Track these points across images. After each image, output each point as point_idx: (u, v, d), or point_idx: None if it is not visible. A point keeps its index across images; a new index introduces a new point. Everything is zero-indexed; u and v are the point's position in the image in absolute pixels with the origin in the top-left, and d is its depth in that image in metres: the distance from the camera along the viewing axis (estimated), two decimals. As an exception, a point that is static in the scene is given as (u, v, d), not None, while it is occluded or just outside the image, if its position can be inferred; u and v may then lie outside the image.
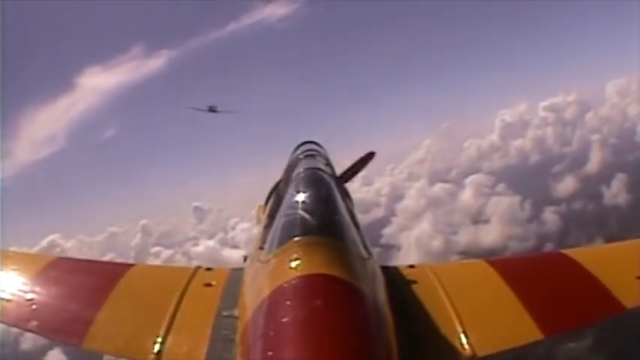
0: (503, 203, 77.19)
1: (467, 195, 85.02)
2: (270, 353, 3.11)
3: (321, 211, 4.30)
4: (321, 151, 6.99)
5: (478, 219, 75.28)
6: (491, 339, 4.26)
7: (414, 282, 4.83)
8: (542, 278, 5.12)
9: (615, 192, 73.66)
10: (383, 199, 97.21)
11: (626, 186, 73.31)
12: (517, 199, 76.93)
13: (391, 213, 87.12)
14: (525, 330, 4.38)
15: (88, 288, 4.93)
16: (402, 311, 4.06)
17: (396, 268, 5.09)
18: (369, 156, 9.02)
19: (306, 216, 4.21)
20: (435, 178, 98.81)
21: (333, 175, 5.82)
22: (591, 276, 4.91)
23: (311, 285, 3.45)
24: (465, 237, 71.03)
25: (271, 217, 5.00)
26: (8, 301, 4.69)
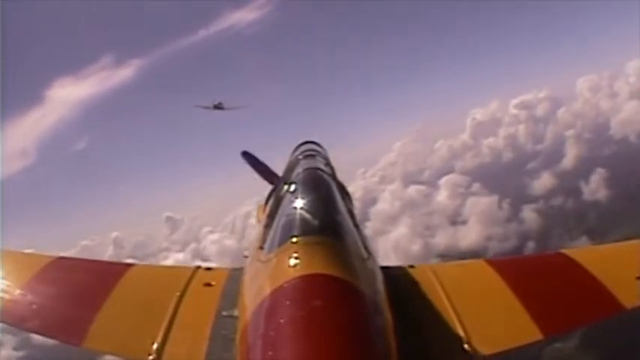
0: (481, 203, 76.17)
1: (442, 196, 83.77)
2: (270, 353, 3.11)
3: (320, 211, 4.26)
4: (321, 151, 6.94)
5: (456, 220, 74.26)
6: (491, 339, 4.26)
7: (414, 282, 4.87)
8: (541, 278, 5.15)
9: (595, 187, 73.10)
10: (356, 204, 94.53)
11: (605, 181, 72.78)
12: (495, 198, 75.87)
13: (365, 217, 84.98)
14: (525, 330, 4.40)
15: (88, 288, 4.95)
16: (401, 311, 4.03)
17: (396, 268, 5.13)
18: (245, 156, 8.96)
19: (306, 216, 4.19)
20: (408, 180, 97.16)
21: (332, 175, 5.77)
22: (591, 276, 4.93)
23: (311, 285, 3.44)
24: (443, 239, 69.66)
25: (271, 216, 4.97)
26: (8, 301, 4.72)
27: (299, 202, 4.41)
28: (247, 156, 8.93)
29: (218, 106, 48.25)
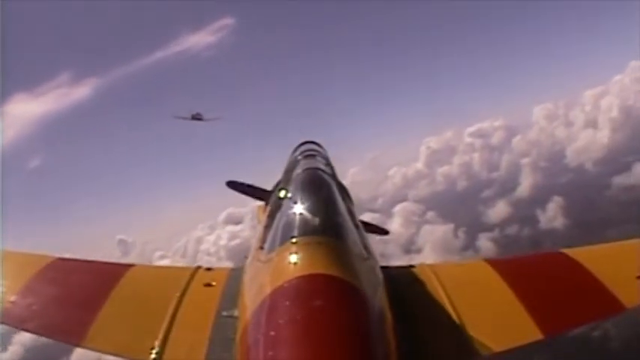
0: (436, 231, 74.45)
1: (396, 224, 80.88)
2: (270, 353, 3.12)
3: (321, 212, 4.23)
4: (321, 151, 6.93)
5: (410, 248, 71.53)
6: (491, 339, 4.25)
7: (415, 282, 4.89)
8: (542, 278, 5.17)
9: (552, 215, 71.87)
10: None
11: (562, 209, 71.67)
12: (450, 226, 74.11)
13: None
14: (525, 329, 4.40)
15: (88, 288, 4.97)
16: (402, 311, 4.02)
17: (396, 268, 5.14)
18: (230, 185, 8.73)
19: (307, 216, 4.18)
20: (362, 207, 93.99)
21: (333, 175, 5.77)
22: (591, 275, 4.93)
23: (311, 285, 3.45)
24: (397, 268, 66.38)
25: (271, 217, 4.95)
26: (8, 301, 4.71)
27: (299, 203, 4.36)
28: (232, 184, 8.76)
29: (196, 117, 47.09)
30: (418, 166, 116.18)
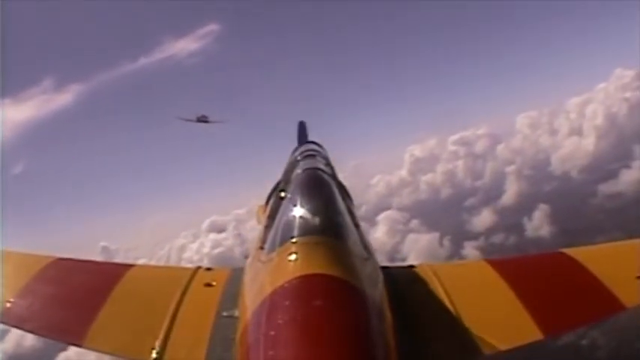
0: (421, 240, 74.05)
1: (380, 232, 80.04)
2: (270, 353, 3.12)
3: (321, 212, 4.22)
4: (321, 151, 6.94)
5: (395, 257, 70.28)
6: (491, 339, 4.25)
7: (415, 282, 4.88)
8: (542, 278, 5.17)
9: (538, 224, 71.58)
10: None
11: (548, 217, 71.44)
12: (435, 235, 73.80)
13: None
14: (525, 329, 4.40)
15: (88, 288, 4.98)
16: (402, 311, 4.05)
17: (396, 268, 5.15)
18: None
19: (307, 216, 4.17)
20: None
21: (333, 175, 5.75)
22: (591, 275, 4.94)
23: (311, 285, 3.45)
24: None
25: (271, 217, 4.98)
26: (9, 301, 4.70)
27: (299, 203, 4.35)
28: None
29: (202, 119, 45.70)
30: (402, 174, 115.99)
